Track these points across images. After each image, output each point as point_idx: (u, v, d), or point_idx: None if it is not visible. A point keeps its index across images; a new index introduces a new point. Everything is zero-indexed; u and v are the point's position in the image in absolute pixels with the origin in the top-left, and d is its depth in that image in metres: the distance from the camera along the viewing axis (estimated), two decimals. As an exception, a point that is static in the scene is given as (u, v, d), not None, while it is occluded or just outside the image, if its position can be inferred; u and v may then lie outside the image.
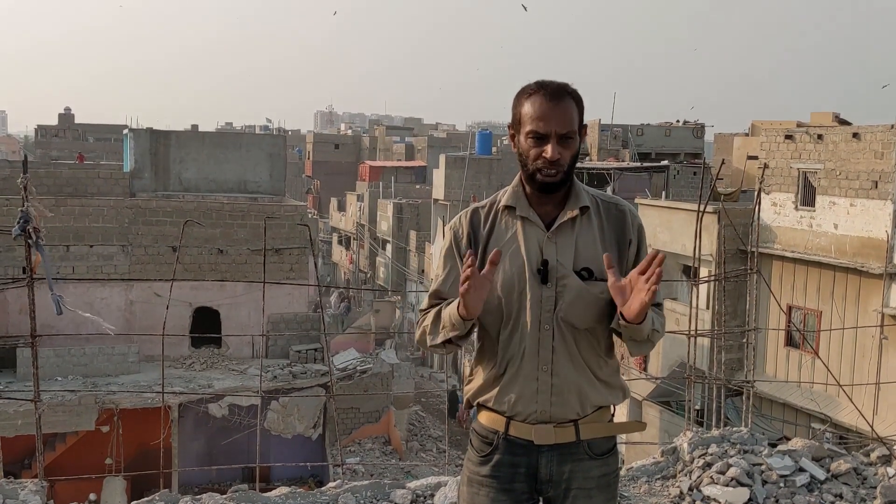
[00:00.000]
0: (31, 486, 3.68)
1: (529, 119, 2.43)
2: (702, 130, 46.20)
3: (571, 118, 2.43)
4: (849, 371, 16.85)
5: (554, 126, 2.40)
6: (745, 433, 4.82)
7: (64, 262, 19.99)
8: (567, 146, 2.43)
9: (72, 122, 66.08)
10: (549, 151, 2.40)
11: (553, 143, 2.40)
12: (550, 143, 2.40)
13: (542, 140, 2.42)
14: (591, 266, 2.48)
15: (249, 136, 28.77)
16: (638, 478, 4.65)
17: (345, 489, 4.12)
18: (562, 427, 2.50)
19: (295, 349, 21.01)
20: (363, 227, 46.48)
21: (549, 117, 2.40)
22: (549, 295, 2.46)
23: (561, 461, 2.51)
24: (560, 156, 2.41)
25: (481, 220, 2.57)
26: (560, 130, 2.40)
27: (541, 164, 2.43)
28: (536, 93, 2.44)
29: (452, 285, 2.54)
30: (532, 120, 2.42)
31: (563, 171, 2.44)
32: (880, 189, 16.98)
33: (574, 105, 2.45)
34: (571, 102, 2.45)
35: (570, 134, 2.42)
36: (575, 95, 2.47)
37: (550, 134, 2.40)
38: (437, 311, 2.52)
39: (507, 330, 2.51)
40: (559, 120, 2.40)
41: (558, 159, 2.41)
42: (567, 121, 2.41)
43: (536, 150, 2.43)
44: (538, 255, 2.47)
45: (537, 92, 2.44)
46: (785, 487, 4.45)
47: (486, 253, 2.51)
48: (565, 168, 2.44)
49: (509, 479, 2.53)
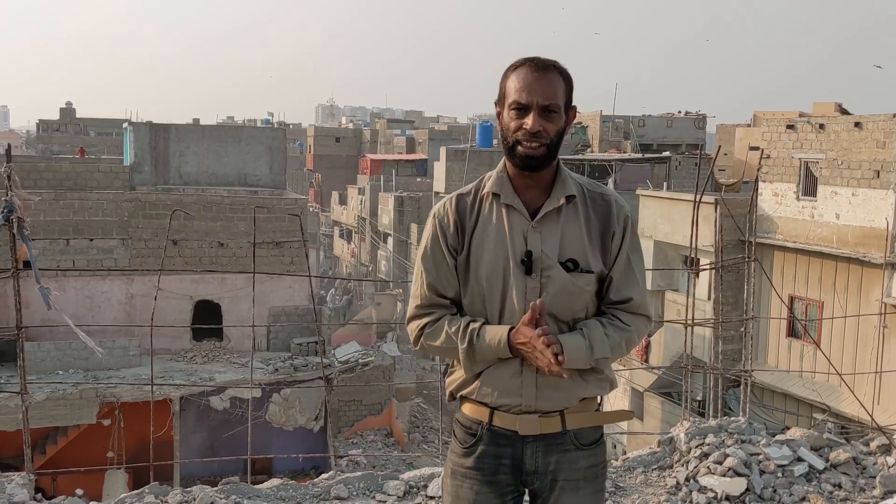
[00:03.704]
0: (17, 479, 3.64)
1: (513, 90, 2.35)
2: (703, 121, 46.11)
3: (555, 91, 2.34)
4: (850, 361, 16.79)
5: (536, 96, 2.31)
6: (742, 423, 4.76)
7: (64, 256, 19.98)
8: (550, 119, 2.34)
9: (73, 116, 65.93)
10: (530, 122, 2.32)
11: (534, 114, 2.32)
12: (532, 113, 2.32)
13: (524, 111, 2.34)
14: (577, 257, 2.41)
15: (250, 129, 28.64)
16: (634, 468, 4.60)
17: (337, 480, 4.08)
18: (547, 417, 2.44)
19: (296, 342, 21.00)
20: (364, 220, 46.42)
21: (531, 88, 2.32)
22: (534, 286, 2.39)
23: (547, 452, 2.45)
24: (542, 128, 2.32)
25: (467, 208, 2.49)
26: (542, 102, 2.32)
27: (521, 135, 2.34)
28: (522, 65, 2.37)
29: (445, 279, 2.47)
30: (515, 91, 2.35)
31: (546, 146, 2.35)
32: (882, 179, 16.89)
33: (560, 79, 2.37)
34: (558, 76, 2.36)
35: (553, 107, 2.33)
36: (563, 72, 2.38)
37: (532, 104, 2.32)
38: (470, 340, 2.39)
39: (492, 322, 2.44)
40: (542, 91, 2.32)
41: (539, 131, 2.32)
42: (550, 93, 2.33)
43: (518, 122, 2.35)
44: (522, 244, 2.40)
45: (523, 64, 2.37)
46: (783, 477, 4.41)
47: (471, 242, 2.45)
48: (548, 142, 2.35)
49: (493, 471, 2.47)
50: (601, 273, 2.45)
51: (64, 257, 19.92)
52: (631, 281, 2.49)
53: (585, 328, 2.40)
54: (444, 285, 2.47)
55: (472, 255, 2.45)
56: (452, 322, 2.43)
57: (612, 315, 2.47)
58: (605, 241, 2.45)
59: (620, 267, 2.47)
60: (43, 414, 16.80)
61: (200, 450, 20.13)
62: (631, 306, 2.48)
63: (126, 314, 20.39)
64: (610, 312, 2.48)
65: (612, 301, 2.48)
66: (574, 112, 2.44)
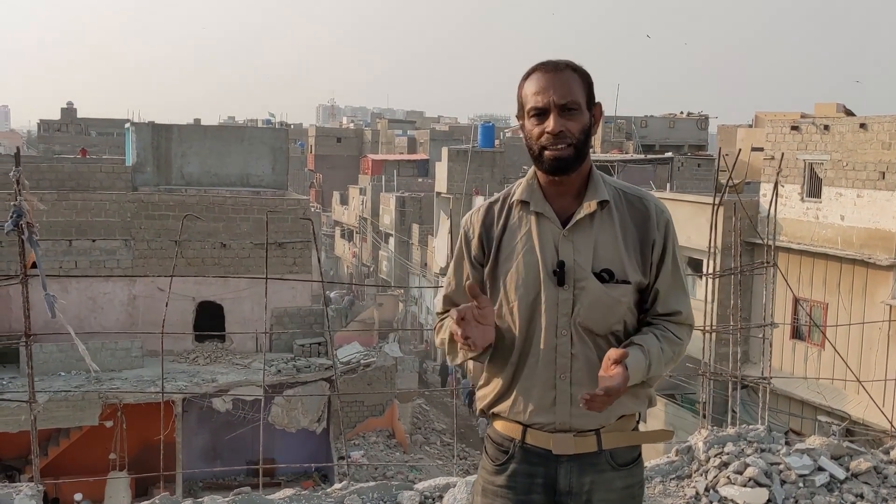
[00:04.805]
0: (26, 489, 3.57)
1: (530, 97, 2.28)
2: (706, 122, 46.03)
3: (571, 88, 2.25)
4: (856, 363, 16.72)
5: (552, 96, 2.23)
6: (761, 431, 4.69)
7: (67, 257, 19.91)
8: (572, 118, 2.25)
9: (74, 116, 65.84)
10: (551, 123, 2.23)
11: (554, 115, 2.23)
12: (551, 115, 2.24)
13: (543, 115, 2.26)
14: (612, 267, 2.31)
15: (252, 129, 28.59)
16: (652, 478, 4.53)
17: (350, 491, 4.00)
18: (582, 436, 2.34)
19: (299, 343, 20.93)
20: (366, 220, 46.38)
21: (546, 89, 2.24)
22: (566, 298, 2.29)
23: (581, 472, 2.35)
24: (564, 127, 2.23)
25: (494, 218, 2.41)
26: (559, 101, 2.23)
27: (545, 140, 2.25)
28: (535, 71, 2.31)
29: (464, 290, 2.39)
30: (532, 96, 2.27)
31: (573, 146, 2.26)
32: (887, 180, 16.83)
33: (576, 76, 2.28)
34: (573, 74, 2.28)
35: (572, 104, 2.25)
36: (578, 69, 2.30)
37: (549, 106, 2.24)
38: None
39: (522, 335, 2.35)
40: (558, 90, 2.24)
41: (562, 131, 2.23)
42: (566, 90, 2.24)
43: (539, 127, 2.27)
44: (554, 254, 2.30)
45: (536, 70, 2.31)
46: (804, 488, 4.33)
47: (499, 252, 2.37)
48: (574, 142, 2.25)
49: (526, 490, 2.38)
50: (640, 284, 2.34)
51: (66, 258, 19.86)
52: (678, 292, 2.39)
53: (643, 343, 2.29)
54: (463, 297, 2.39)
55: (500, 266, 2.37)
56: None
57: (664, 327, 2.36)
58: (643, 249, 2.34)
59: (667, 278, 2.37)
60: (45, 415, 16.72)
61: (203, 451, 20.06)
62: (679, 319, 2.38)
63: (129, 315, 20.33)
64: (660, 324, 2.37)
65: (660, 314, 2.38)
66: (600, 109, 2.35)
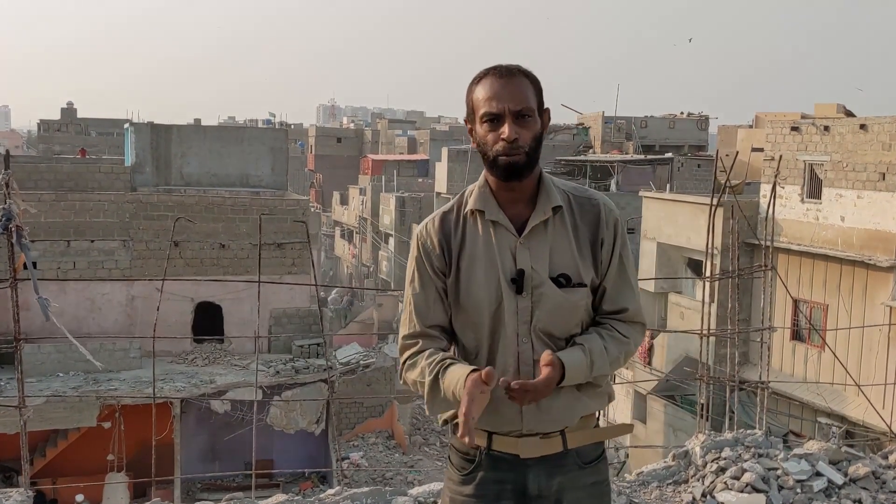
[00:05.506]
0: (15, 495, 3.54)
1: (482, 102, 2.27)
2: (706, 123, 46.02)
3: (526, 95, 2.26)
4: (856, 365, 16.67)
5: (507, 103, 2.23)
6: (759, 436, 4.66)
7: (65, 258, 19.88)
8: (525, 125, 2.25)
9: (74, 116, 65.77)
10: (507, 130, 2.23)
11: (509, 122, 2.23)
12: (506, 122, 2.23)
13: (497, 121, 2.25)
14: (568, 271, 2.32)
15: (251, 129, 28.59)
16: (649, 483, 4.49)
17: (344, 496, 3.97)
18: (548, 438, 2.34)
19: (297, 344, 20.90)
20: (366, 220, 46.36)
21: (500, 95, 2.24)
22: (525, 306, 2.30)
23: (550, 474, 2.35)
24: (518, 135, 2.23)
25: (451, 228, 2.40)
26: (514, 108, 2.23)
27: (500, 147, 2.25)
28: (486, 75, 2.29)
29: (434, 305, 2.37)
30: (484, 101, 2.26)
31: (526, 153, 2.26)
32: (888, 181, 16.79)
33: (528, 82, 2.28)
34: (525, 80, 2.28)
35: (527, 111, 2.25)
36: (529, 75, 2.30)
37: (504, 112, 2.23)
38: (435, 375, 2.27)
39: (485, 346, 2.34)
40: (512, 97, 2.24)
41: (516, 139, 2.23)
42: (521, 97, 2.24)
43: (494, 133, 2.26)
44: (511, 263, 2.31)
45: (487, 74, 2.29)
46: (802, 493, 4.29)
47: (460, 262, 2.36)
48: (527, 149, 2.26)
49: (496, 497, 2.36)
50: (593, 283, 2.36)
51: (65, 259, 19.82)
52: (625, 290, 2.40)
53: (585, 343, 2.30)
54: (432, 313, 2.37)
55: (462, 277, 2.35)
56: (432, 355, 2.32)
57: (610, 326, 2.37)
58: (594, 249, 2.36)
59: (613, 276, 2.38)
60: (43, 417, 16.69)
61: (201, 453, 20.03)
62: (627, 316, 2.39)
63: (127, 316, 20.30)
64: (607, 323, 2.38)
65: (607, 311, 2.39)
66: (548, 114, 2.36)
